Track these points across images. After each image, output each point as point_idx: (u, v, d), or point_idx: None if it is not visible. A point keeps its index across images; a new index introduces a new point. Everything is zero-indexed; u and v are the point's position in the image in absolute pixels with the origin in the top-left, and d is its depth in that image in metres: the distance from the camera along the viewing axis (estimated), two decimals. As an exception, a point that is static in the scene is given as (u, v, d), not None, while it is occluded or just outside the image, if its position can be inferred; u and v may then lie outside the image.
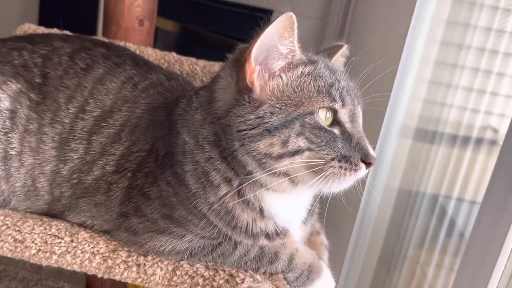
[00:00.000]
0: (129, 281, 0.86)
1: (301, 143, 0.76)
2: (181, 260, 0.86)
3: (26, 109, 0.92)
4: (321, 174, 0.76)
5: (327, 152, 0.77)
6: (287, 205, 0.86)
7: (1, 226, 0.87)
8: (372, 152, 0.79)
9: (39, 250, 0.86)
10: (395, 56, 1.33)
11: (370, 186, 1.43)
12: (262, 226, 0.84)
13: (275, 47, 0.77)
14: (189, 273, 0.84)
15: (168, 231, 0.84)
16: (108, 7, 1.43)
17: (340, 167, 0.76)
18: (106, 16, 1.45)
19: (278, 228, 0.85)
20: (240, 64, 0.78)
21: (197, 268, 0.84)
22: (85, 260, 0.86)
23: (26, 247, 0.86)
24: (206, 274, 0.84)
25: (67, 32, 1.26)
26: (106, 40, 1.21)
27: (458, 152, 1.36)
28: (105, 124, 0.92)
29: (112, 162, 0.90)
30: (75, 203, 0.91)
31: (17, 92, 0.93)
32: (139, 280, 0.85)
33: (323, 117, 0.77)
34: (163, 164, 0.85)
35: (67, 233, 0.88)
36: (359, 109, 0.82)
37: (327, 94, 0.78)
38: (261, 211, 0.83)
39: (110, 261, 0.85)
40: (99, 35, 1.44)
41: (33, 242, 0.86)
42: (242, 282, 0.81)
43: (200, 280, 0.83)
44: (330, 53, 0.89)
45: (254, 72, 0.77)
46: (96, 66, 0.96)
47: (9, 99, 0.92)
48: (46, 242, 0.86)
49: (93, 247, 0.86)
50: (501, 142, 0.96)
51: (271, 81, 0.78)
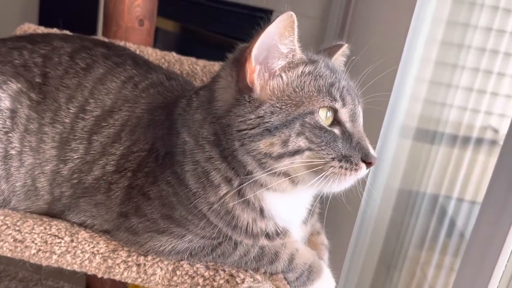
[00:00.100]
0: (129, 281, 0.86)
1: (301, 143, 0.76)
2: (181, 260, 0.86)
3: (27, 109, 0.92)
4: (321, 174, 0.76)
5: (328, 152, 0.76)
6: (288, 205, 0.86)
7: (1, 226, 0.87)
8: (373, 152, 0.79)
9: (39, 250, 0.86)
10: (395, 56, 1.32)
11: (370, 186, 1.42)
12: (262, 226, 0.84)
13: (276, 47, 0.77)
14: (189, 273, 0.84)
15: (168, 231, 0.84)
16: (108, 7, 1.43)
17: (341, 167, 0.76)
18: (106, 16, 1.45)
19: (278, 228, 0.85)
20: (240, 64, 0.78)
21: (197, 268, 0.84)
22: (85, 260, 0.86)
23: (26, 247, 0.86)
24: (206, 274, 0.83)
25: (67, 32, 1.26)
26: (106, 40, 1.21)
27: (458, 152, 1.36)
28: (105, 124, 0.92)
29: (113, 162, 0.90)
30: (75, 203, 0.91)
31: (18, 92, 0.93)
32: (139, 280, 0.85)
33: (324, 117, 0.77)
34: (163, 164, 0.85)
35: (67, 233, 0.87)
36: (360, 109, 0.82)
37: (328, 94, 0.78)
38: (261, 211, 0.83)
39: (110, 261, 0.85)
40: (99, 35, 1.44)
41: (33, 242, 0.86)
42: (242, 282, 0.81)
43: (200, 280, 0.83)
44: (330, 53, 0.89)
45: (254, 72, 0.77)
46: (97, 66, 0.96)
47: (10, 99, 0.92)
48: (46, 242, 0.86)
49: (93, 247, 0.86)
50: (501, 142, 0.96)
51: (272, 81, 0.78)
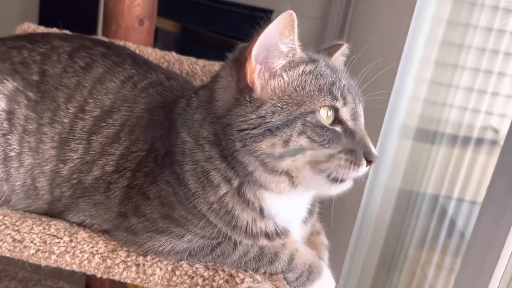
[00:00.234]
0: (128, 281, 0.86)
1: (303, 142, 0.76)
2: (181, 260, 0.85)
3: (24, 109, 0.92)
4: (325, 168, 0.76)
5: (332, 148, 0.76)
6: (287, 205, 0.85)
7: (0, 226, 0.87)
8: (374, 150, 0.78)
9: (38, 250, 0.86)
10: (396, 56, 1.32)
11: (371, 186, 1.42)
12: (262, 226, 0.84)
13: (276, 46, 0.76)
14: (189, 273, 0.83)
15: (168, 231, 0.84)
16: (108, 7, 1.43)
17: (346, 160, 0.76)
18: (106, 16, 1.44)
19: (278, 228, 0.85)
20: (241, 64, 0.78)
21: (197, 268, 0.84)
22: (84, 260, 0.85)
23: (25, 247, 0.86)
24: (206, 274, 0.83)
25: (67, 32, 1.26)
26: (106, 40, 1.20)
27: (459, 152, 1.36)
28: (105, 124, 0.92)
29: (112, 162, 0.89)
30: (75, 203, 0.91)
31: (14, 91, 0.92)
32: (138, 280, 0.85)
33: (325, 116, 0.77)
34: (163, 164, 0.84)
35: (66, 233, 0.87)
36: (361, 108, 0.82)
37: (329, 93, 0.78)
38: (261, 211, 0.83)
39: (109, 261, 0.85)
40: (99, 35, 1.44)
41: (32, 242, 0.86)
42: (242, 282, 0.81)
43: (200, 280, 0.83)
44: (330, 52, 0.89)
45: (255, 72, 0.77)
46: (96, 65, 0.96)
47: (5, 99, 0.91)
48: (45, 242, 0.86)
49: (92, 247, 0.86)
50: (502, 142, 0.96)
51: (272, 80, 0.78)
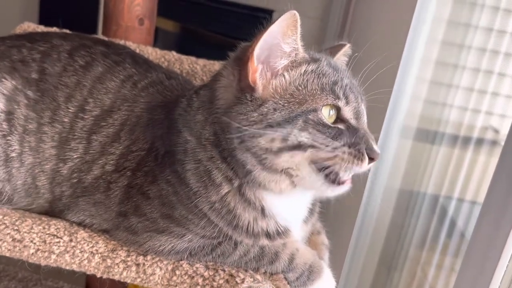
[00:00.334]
0: (128, 281, 0.86)
1: (304, 138, 0.75)
2: (181, 260, 0.85)
3: (24, 109, 0.92)
4: (327, 164, 0.75)
5: (333, 144, 0.75)
6: (288, 204, 0.85)
7: (0, 225, 0.87)
8: (376, 148, 0.78)
9: (38, 250, 0.85)
10: (396, 56, 1.32)
11: (371, 186, 1.42)
12: (263, 226, 0.83)
13: (278, 46, 0.76)
14: (189, 273, 0.83)
15: (168, 231, 0.84)
16: (108, 6, 1.43)
17: (350, 154, 0.75)
18: (106, 15, 1.44)
19: (279, 228, 0.85)
20: (242, 63, 0.77)
21: (197, 268, 0.84)
22: (84, 260, 0.85)
23: (25, 247, 0.86)
24: (206, 274, 0.83)
25: (67, 31, 1.26)
26: (106, 39, 1.20)
27: (459, 153, 1.36)
28: (105, 124, 0.92)
29: (112, 162, 0.89)
30: (75, 202, 0.91)
31: (13, 90, 0.92)
32: (139, 280, 0.84)
33: (327, 115, 0.77)
34: (163, 163, 0.84)
35: (66, 233, 0.87)
36: (363, 107, 0.82)
37: (331, 92, 0.77)
38: (262, 210, 0.82)
39: (109, 261, 0.85)
40: (99, 34, 1.44)
41: (32, 242, 0.86)
42: (242, 282, 0.81)
43: (200, 280, 0.82)
44: (332, 52, 0.89)
45: (257, 71, 0.77)
46: (96, 64, 0.96)
47: (4, 99, 0.91)
48: (45, 242, 0.86)
49: (92, 247, 0.86)
50: (502, 143, 0.96)
51: (274, 80, 0.78)
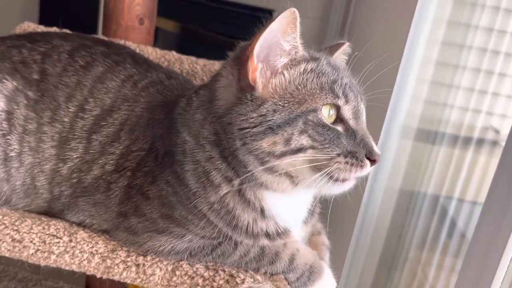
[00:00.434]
0: (128, 281, 0.85)
1: (304, 141, 0.75)
2: (181, 260, 0.85)
3: (24, 109, 0.92)
4: (325, 170, 0.75)
5: (332, 149, 0.75)
6: (288, 205, 0.85)
7: (-1, 225, 0.87)
8: (376, 149, 0.78)
9: (37, 250, 0.85)
10: (396, 56, 1.32)
11: (371, 186, 1.42)
12: (263, 226, 0.83)
13: (278, 44, 0.76)
14: (189, 274, 0.83)
15: (168, 231, 0.84)
16: (108, 6, 1.43)
17: (346, 163, 0.75)
18: (106, 15, 1.44)
19: (279, 228, 0.85)
20: (242, 62, 0.77)
21: (197, 268, 0.84)
22: (84, 260, 0.85)
23: (24, 247, 0.85)
24: (206, 275, 0.83)
25: (67, 31, 1.26)
26: (106, 39, 1.20)
27: (459, 153, 1.36)
28: (105, 123, 0.91)
29: (112, 161, 0.89)
30: (75, 202, 0.91)
31: (13, 91, 0.92)
32: (138, 280, 0.84)
33: (326, 115, 0.76)
34: (163, 163, 0.84)
35: (66, 233, 0.87)
36: (363, 106, 0.81)
37: (330, 91, 0.77)
38: (262, 211, 0.82)
39: (109, 261, 0.85)
40: (100, 34, 1.44)
41: (31, 242, 0.85)
42: (243, 283, 0.81)
43: (200, 281, 0.82)
44: (331, 51, 0.89)
45: (257, 70, 0.76)
46: (96, 64, 0.96)
47: (5, 99, 0.91)
48: (45, 242, 0.85)
49: (92, 247, 0.86)
50: (503, 143, 0.96)
51: (274, 79, 0.77)
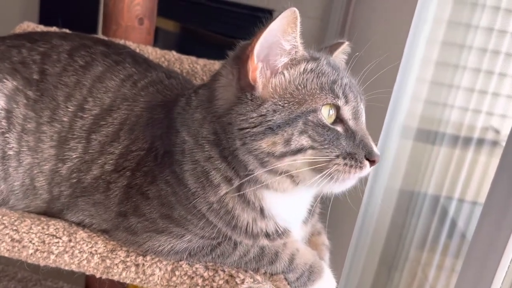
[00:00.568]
0: (128, 281, 0.85)
1: (304, 142, 0.75)
2: (180, 260, 0.85)
3: (23, 108, 0.91)
4: (325, 172, 0.75)
5: (331, 150, 0.76)
6: (288, 205, 0.85)
7: (-1, 225, 0.86)
8: (376, 150, 0.78)
9: (37, 250, 0.85)
10: (396, 57, 1.32)
11: (372, 187, 1.42)
12: (263, 226, 0.83)
13: (278, 43, 0.76)
14: (188, 274, 0.83)
15: (167, 231, 0.83)
16: (108, 6, 1.43)
17: (345, 164, 0.75)
18: (106, 15, 1.44)
19: (279, 228, 0.84)
20: (242, 62, 0.77)
21: (197, 269, 0.83)
22: (83, 260, 0.85)
23: (24, 247, 0.85)
24: (206, 275, 0.83)
25: (67, 31, 1.26)
26: (106, 39, 1.20)
27: (460, 153, 1.36)
28: (104, 123, 0.91)
29: (111, 161, 0.89)
30: (74, 202, 0.91)
31: (13, 90, 0.92)
32: (138, 280, 0.84)
33: (326, 115, 0.76)
34: (162, 163, 0.84)
35: (65, 233, 0.87)
36: (362, 106, 0.81)
37: (330, 91, 0.77)
38: (262, 211, 0.82)
39: (109, 261, 0.85)
40: (99, 34, 1.44)
41: (31, 242, 0.85)
42: (242, 283, 0.80)
43: (200, 281, 0.82)
44: (331, 50, 0.89)
45: (257, 69, 0.76)
46: (96, 64, 0.95)
47: (5, 98, 0.91)
48: (44, 242, 0.85)
49: (91, 247, 0.85)
50: (503, 143, 0.96)
51: (274, 78, 0.77)
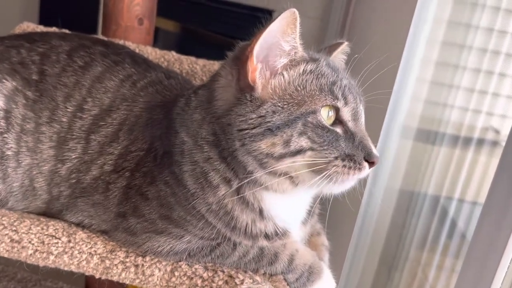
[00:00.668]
0: (127, 282, 0.85)
1: (303, 143, 0.75)
2: (180, 261, 0.85)
3: (22, 108, 0.91)
4: (324, 173, 0.75)
5: (330, 151, 0.75)
6: (287, 206, 0.85)
7: (-2, 226, 0.86)
8: (375, 151, 0.78)
9: (36, 251, 0.85)
10: (396, 57, 1.32)
11: (371, 187, 1.42)
12: (262, 227, 0.83)
13: (278, 44, 0.76)
14: (188, 274, 0.83)
15: (167, 232, 0.83)
16: (107, 6, 1.43)
17: (344, 166, 0.75)
18: (106, 15, 1.44)
19: (278, 229, 0.84)
20: (241, 62, 0.77)
21: (196, 269, 0.83)
22: (83, 261, 0.85)
23: (23, 248, 0.85)
24: (205, 275, 0.83)
25: (66, 31, 1.26)
26: (105, 39, 1.20)
27: (460, 153, 1.36)
28: (103, 123, 0.91)
29: (111, 162, 0.89)
30: (73, 203, 0.90)
31: (13, 90, 0.92)
32: (137, 281, 0.84)
33: (325, 116, 0.76)
34: (161, 164, 0.84)
35: (65, 233, 0.87)
36: (361, 107, 0.81)
37: (329, 92, 0.77)
38: (261, 212, 0.82)
39: (108, 262, 0.85)
40: (99, 35, 1.43)
41: (30, 242, 0.85)
42: (242, 283, 0.80)
43: (199, 281, 0.82)
44: (330, 50, 0.88)
45: (256, 70, 0.76)
46: (95, 64, 0.95)
47: (4, 98, 0.91)
48: (43, 243, 0.85)
49: (91, 248, 0.85)
50: (503, 143, 0.95)
51: (273, 79, 0.77)
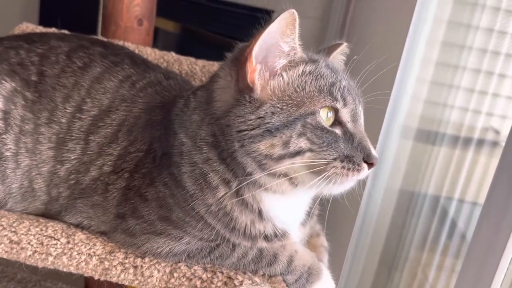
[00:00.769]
0: (126, 283, 0.85)
1: (303, 144, 0.75)
2: (179, 262, 0.85)
3: (21, 109, 0.91)
4: (323, 175, 0.75)
5: (329, 153, 0.75)
6: (286, 207, 0.85)
7: (-3, 227, 0.86)
8: (374, 152, 0.78)
9: (35, 252, 0.85)
10: (396, 57, 1.32)
11: (371, 187, 1.42)
12: (261, 228, 0.83)
13: (277, 45, 0.76)
14: (187, 275, 0.83)
15: (166, 233, 0.83)
16: (107, 7, 1.43)
17: (343, 167, 0.75)
18: (105, 16, 1.44)
19: (277, 230, 0.84)
20: (240, 63, 0.77)
21: (195, 270, 0.83)
22: (82, 262, 0.85)
23: (22, 249, 0.85)
24: (204, 276, 0.83)
25: (65, 32, 1.25)
26: (105, 39, 1.20)
27: (460, 153, 1.36)
28: (103, 124, 0.91)
29: (110, 163, 0.89)
30: (72, 204, 0.90)
31: (12, 91, 0.92)
32: (136, 282, 0.84)
33: (325, 117, 0.76)
34: (160, 165, 0.84)
35: (64, 235, 0.87)
36: (361, 109, 0.81)
37: (329, 94, 0.77)
38: (260, 213, 0.82)
39: (107, 263, 0.84)
40: (99, 35, 1.44)
41: (29, 244, 0.85)
42: (241, 285, 0.80)
43: (198, 282, 0.82)
44: (329, 51, 0.88)
45: (255, 71, 0.76)
46: (94, 65, 0.95)
47: (3, 99, 0.91)
48: (42, 244, 0.85)
49: (90, 249, 0.85)
50: (503, 144, 0.95)
51: (272, 80, 0.77)
